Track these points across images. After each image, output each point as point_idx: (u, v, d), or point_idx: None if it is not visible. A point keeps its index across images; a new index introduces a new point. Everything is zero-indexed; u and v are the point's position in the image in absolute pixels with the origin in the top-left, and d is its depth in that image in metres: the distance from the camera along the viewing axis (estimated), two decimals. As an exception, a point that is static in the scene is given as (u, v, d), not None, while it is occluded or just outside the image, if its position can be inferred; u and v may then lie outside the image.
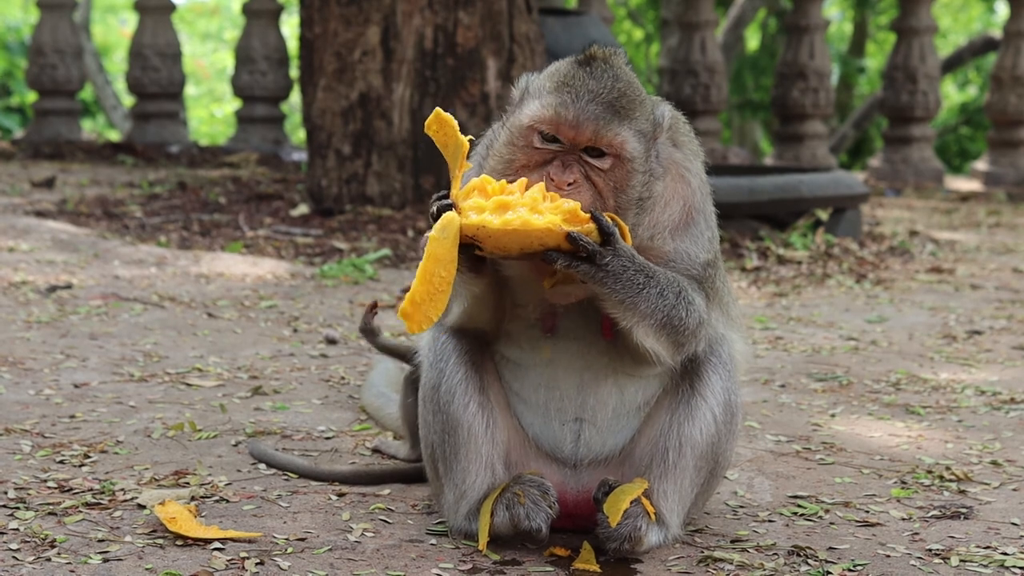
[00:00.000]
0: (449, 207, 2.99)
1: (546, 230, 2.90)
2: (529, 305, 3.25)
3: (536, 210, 2.92)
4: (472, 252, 3.00)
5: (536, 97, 3.12)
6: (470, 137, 3.09)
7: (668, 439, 3.23)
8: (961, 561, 3.23)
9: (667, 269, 3.18)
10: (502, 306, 3.28)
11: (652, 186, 3.14)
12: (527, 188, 2.99)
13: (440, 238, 2.94)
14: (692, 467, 3.25)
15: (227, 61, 33.21)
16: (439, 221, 2.96)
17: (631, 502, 3.14)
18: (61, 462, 3.86)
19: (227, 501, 3.55)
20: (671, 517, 3.25)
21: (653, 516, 3.19)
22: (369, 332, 4.21)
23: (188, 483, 3.68)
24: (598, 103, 3.05)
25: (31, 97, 17.59)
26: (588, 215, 2.95)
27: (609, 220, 3.00)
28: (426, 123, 3.05)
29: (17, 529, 3.25)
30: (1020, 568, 3.19)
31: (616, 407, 3.28)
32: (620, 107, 3.06)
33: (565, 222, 2.93)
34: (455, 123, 3.04)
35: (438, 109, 3.06)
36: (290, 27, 20.23)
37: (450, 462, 3.28)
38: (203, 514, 3.41)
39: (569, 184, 3.04)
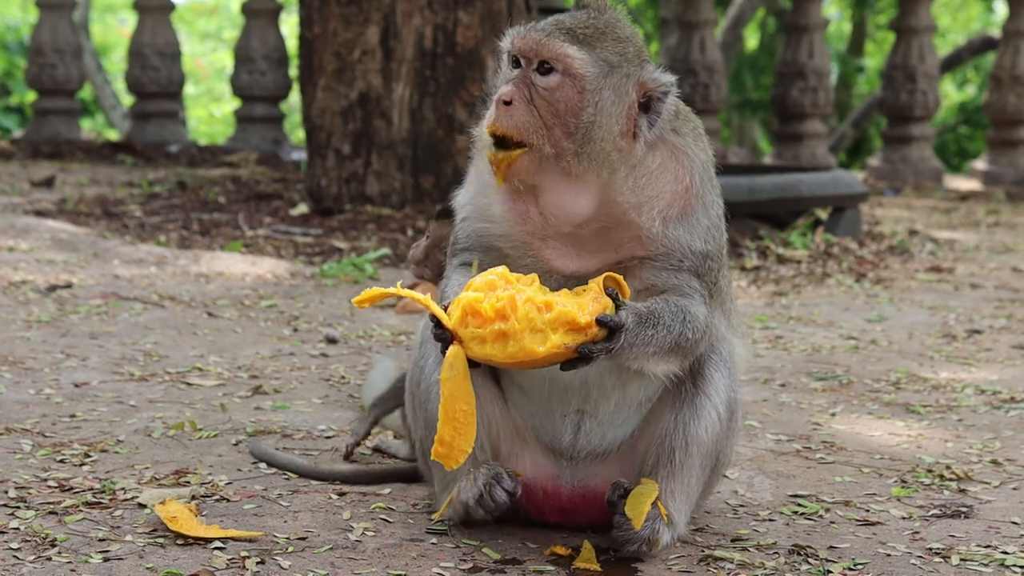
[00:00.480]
0: (449, 340, 2.96)
1: (552, 355, 2.91)
2: None
3: (535, 329, 2.89)
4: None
5: None
6: (400, 283, 3.13)
7: (675, 439, 3.22)
8: (961, 560, 3.23)
9: (656, 260, 3.12)
10: None
11: (631, 144, 3.05)
12: (521, 293, 2.94)
13: (451, 376, 2.95)
14: (698, 466, 3.25)
15: (226, 61, 33.19)
16: (445, 359, 2.95)
17: (653, 500, 3.14)
18: (61, 461, 3.86)
19: (228, 500, 3.55)
20: (678, 516, 3.26)
21: (666, 517, 3.20)
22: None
23: (188, 482, 3.68)
24: (556, 26, 3.04)
25: (30, 97, 17.60)
26: (589, 319, 2.89)
27: (612, 310, 2.93)
28: (357, 304, 3.05)
29: (18, 528, 3.25)
30: (1020, 567, 3.19)
31: (618, 401, 3.26)
32: (579, 34, 3.03)
33: (568, 333, 2.89)
34: (381, 291, 3.04)
35: (355, 301, 3.05)
36: (289, 27, 20.22)
37: (430, 460, 3.31)
38: (204, 513, 3.41)
39: (505, 102, 3.00)
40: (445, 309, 3.00)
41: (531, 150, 3.01)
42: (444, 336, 2.98)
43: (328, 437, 4.29)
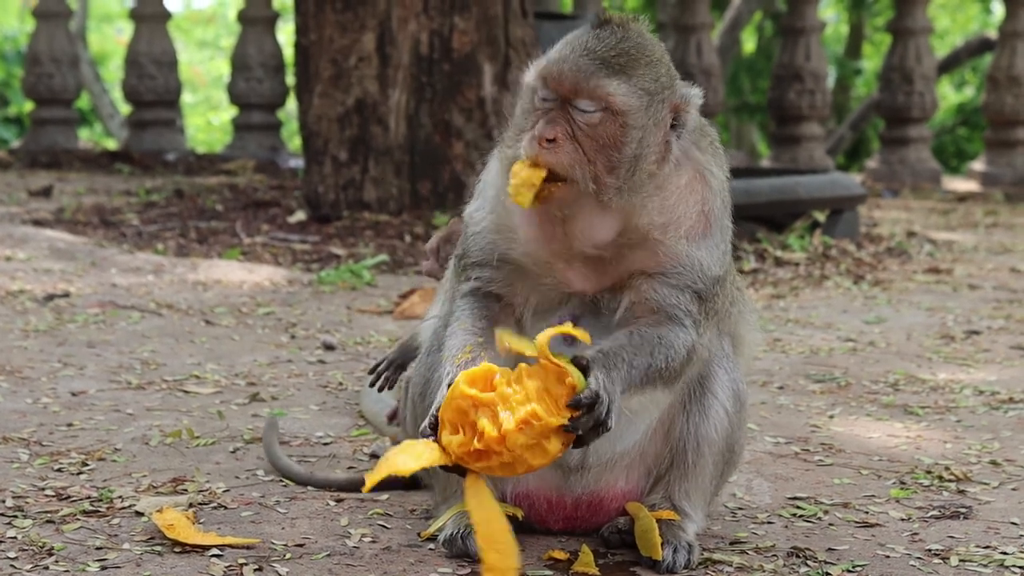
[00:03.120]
0: (464, 471, 2.88)
1: (556, 456, 2.84)
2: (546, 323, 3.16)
3: (530, 447, 2.79)
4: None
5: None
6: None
7: (687, 442, 3.24)
8: (960, 561, 3.23)
9: (668, 276, 3.08)
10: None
11: (662, 167, 3.03)
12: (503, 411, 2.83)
13: (478, 505, 2.87)
14: (711, 464, 3.27)
15: (223, 69, 33.17)
16: (467, 491, 2.88)
17: (657, 530, 3.14)
18: (59, 470, 3.86)
19: (225, 507, 3.55)
20: (696, 512, 3.28)
21: (677, 518, 3.21)
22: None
23: (186, 490, 3.68)
24: (590, 57, 2.98)
25: (28, 106, 17.55)
26: (562, 420, 2.78)
27: (580, 379, 2.82)
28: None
29: (15, 537, 3.24)
30: (1019, 567, 3.18)
31: (628, 419, 3.20)
32: (615, 63, 2.98)
33: (556, 437, 2.80)
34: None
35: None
36: (286, 34, 20.23)
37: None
38: (201, 521, 3.41)
39: (549, 140, 2.95)
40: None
41: (573, 185, 2.97)
42: (459, 469, 2.88)
43: (326, 444, 4.29)
